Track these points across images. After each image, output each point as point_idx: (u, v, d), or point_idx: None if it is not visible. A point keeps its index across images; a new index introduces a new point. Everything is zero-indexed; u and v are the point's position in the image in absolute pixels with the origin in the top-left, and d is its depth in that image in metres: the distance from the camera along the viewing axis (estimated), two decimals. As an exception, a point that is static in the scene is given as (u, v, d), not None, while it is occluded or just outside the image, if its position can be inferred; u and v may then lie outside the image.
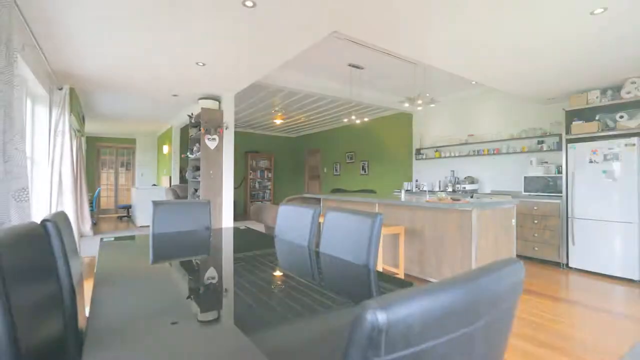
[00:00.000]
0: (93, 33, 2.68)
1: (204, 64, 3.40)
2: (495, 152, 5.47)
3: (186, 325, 0.84)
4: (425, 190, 6.20)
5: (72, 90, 4.27)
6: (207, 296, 1.09)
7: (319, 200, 5.31)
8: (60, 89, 3.57)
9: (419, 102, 3.79)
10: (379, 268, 3.29)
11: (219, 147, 4.46)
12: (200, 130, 4.42)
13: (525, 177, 4.74)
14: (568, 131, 4.25)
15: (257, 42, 2.85)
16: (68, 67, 3.44)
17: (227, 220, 4.51)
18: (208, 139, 4.38)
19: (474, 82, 5.43)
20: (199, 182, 4.47)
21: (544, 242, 4.38)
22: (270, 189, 10.83)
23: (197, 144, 4.81)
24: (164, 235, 2.16)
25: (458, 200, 3.16)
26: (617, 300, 3.09)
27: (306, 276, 1.30)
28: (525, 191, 4.73)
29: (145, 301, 1.01)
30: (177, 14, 2.37)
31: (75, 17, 2.41)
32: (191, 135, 4.89)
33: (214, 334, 0.80)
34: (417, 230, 3.63)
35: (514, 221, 3.48)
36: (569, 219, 4.13)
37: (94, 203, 8.01)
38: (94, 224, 8.08)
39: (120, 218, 9.09)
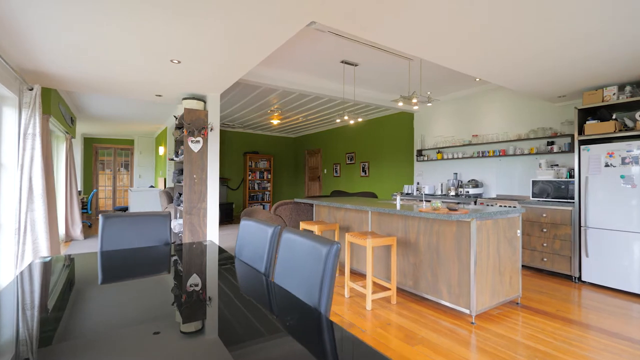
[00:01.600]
0: (50, 27, 2.44)
1: (179, 61, 3.15)
2: (501, 153, 5.10)
3: None
4: (427, 194, 5.86)
5: (48, 91, 4.08)
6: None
7: (311, 205, 5.04)
8: (31, 89, 3.36)
9: (414, 100, 3.47)
10: (369, 280, 3.00)
11: (203, 150, 4.21)
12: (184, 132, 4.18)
13: (533, 181, 4.38)
14: (581, 131, 3.88)
15: (230, 36, 2.58)
16: (36, 66, 3.22)
17: (212, 226, 4.27)
18: (191, 141, 4.14)
19: (477, 79, 5.08)
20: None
21: (553, 252, 4.01)
22: (269, 191, 10.60)
23: (181, 147, 4.58)
24: (115, 253, 1.91)
25: (455, 210, 2.85)
26: (637, 324, 2.73)
27: (243, 320, 1.02)
28: (533, 196, 4.36)
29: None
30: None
31: (24, 9, 2.17)
32: (176, 137, 4.66)
33: None
34: (411, 241, 3.32)
35: (519, 232, 3.14)
36: (582, 228, 3.77)
37: (89, 205, 7.88)
38: (90, 226, 7.96)
39: (117, 220, 8.96)
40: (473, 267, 2.75)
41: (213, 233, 4.27)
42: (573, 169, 4.28)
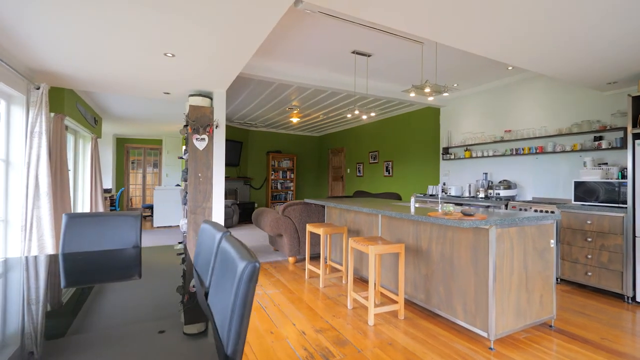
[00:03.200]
0: (46, 25, 2.40)
1: (173, 55, 3.02)
2: (538, 151, 4.50)
3: None
4: (454, 196, 5.36)
5: (61, 90, 4.15)
6: None
7: (323, 207, 4.76)
8: (38, 88, 3.41)
9: (427, 89, 3.06)
10: (371, 292, 2.66)
11: (209, 148, 4.10)
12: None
13: (576, 183, 3.77)
14: (636, 123, 3.25)
15: (216, 25, 2.39)
16: (42, 65, 3.25)
17: (217, 227, 4.14)
18: (196, 139, 4.04)
19: (509, 68, 4.53)
20: (190, 185, 4.14)
21: (600, 266, 3.41)
22: (292, 190, 10.46)
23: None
24: (77, 255, 1.77)
25: (470, 215, 2.43)
26: None
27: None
28: (576, 199, 3.76)
29: None
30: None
31: (19, 8, 2.12)
32: (183, 135, 4.60)
33: None
34: (422, 249, 2.94)
35: (552, 242, 2.65)
36: (637, 239, 3.15)
37: (117, 202, 8.20)
38: (118, 224, 8.27)
39: (145, 217, 9.27)
40: (492, 283, 2.33)
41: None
42: (625, 168, 3.63)
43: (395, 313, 2.90)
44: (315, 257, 4.82)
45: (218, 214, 4.15)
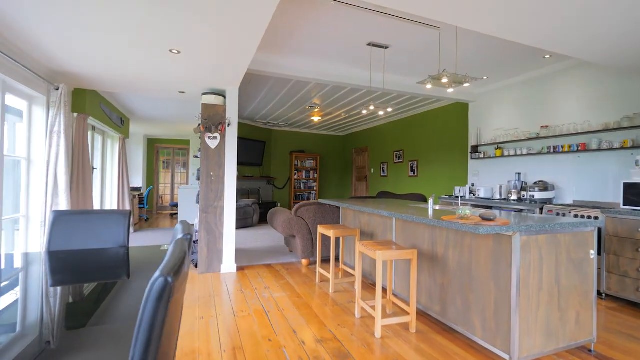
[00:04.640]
0: (55, 25, 2.44)
1: (178, 51, 2.97)
2: (580, 148, 4.00)
3: None
4: (483, 197, 4.95)
5: (83, 91, 4.29)
6: None
7: (338, 208, 4.56)
8: (57, 89, 3.52)
9: (444, 80, 2.76)
10: (378, 302, 2.44)
11: (221, 146, 4.05)
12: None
13: (625, 184, 3.29)
14: (702, 114, 2.75)
15: (213, 18, 2.29)
16: (60, 66, 3.35)
17: (228, 226, 4.08)
18: (209, 137, 4.00)
19: (547, 56, 4.08)
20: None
21: (655, 281, 2.93)
22: (315, 191, 10.33)
23: (204, 143, 4.48)
24: (63, 253, 1.73)
25: (490, 220, 2.14)
26: None
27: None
28: (625, 203, 3.28)
29: None
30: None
31: (22, 10, 2.16)
32: (197, 134, 4.60)
33: None
34: (438, 255, 2.67)
35: (592, 252, 2.28)
36: (702, 251, 2.66)
37: (145, 201, 8.50)
38: (146, 220, 8.59)
39: (172, 215, 9.57)
40: (515, 297, 2.02)
41: (230, 233, 4.08)
42: (689, 168, 3.10)
43: (406, 325, 2.65)
44: (329, 260, 4.63)
45: (229, 214, 4.09)
